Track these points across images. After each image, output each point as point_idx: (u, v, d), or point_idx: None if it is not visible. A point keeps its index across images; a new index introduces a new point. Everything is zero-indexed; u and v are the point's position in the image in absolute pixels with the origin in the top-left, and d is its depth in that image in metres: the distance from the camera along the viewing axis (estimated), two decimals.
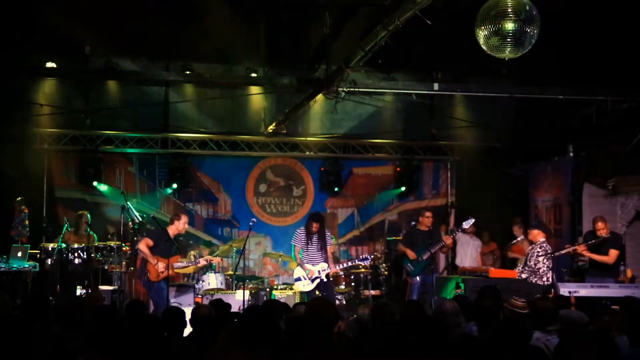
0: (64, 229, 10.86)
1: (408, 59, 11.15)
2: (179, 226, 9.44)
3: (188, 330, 5.54)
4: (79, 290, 10.20)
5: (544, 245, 9.46)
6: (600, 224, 9.27)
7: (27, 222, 10.83)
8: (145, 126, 12.61)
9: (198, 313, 5.48)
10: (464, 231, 11.48)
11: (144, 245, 9.14)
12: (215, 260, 10.53)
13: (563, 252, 9.60)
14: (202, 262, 10.12)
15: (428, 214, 10.48)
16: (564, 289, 8.59)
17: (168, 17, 9.93)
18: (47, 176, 12.20)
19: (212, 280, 10.35)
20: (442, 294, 9.47)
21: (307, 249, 9.78)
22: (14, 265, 9.95)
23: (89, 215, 11.23)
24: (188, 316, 5.54)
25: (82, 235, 10.97)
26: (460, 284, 9.39)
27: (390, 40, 7.77)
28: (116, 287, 10.40)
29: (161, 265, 9.01)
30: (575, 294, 8.53)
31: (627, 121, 10.15)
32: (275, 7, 10.20)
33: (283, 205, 13.41)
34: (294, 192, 13.42)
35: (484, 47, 6.29)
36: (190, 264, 10.14)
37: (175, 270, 9.78)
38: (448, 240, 10.30)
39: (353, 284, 11.16)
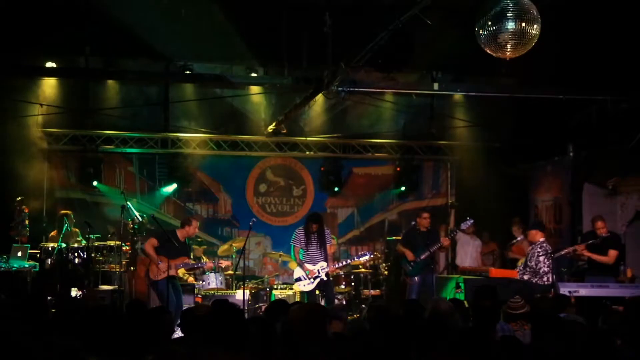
0: (64, 228, 10.86)
1: (408, 59, 11.12)
2: (190, 231, 9.67)
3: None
4: (74, 292, 10.18)
5: (544, 245, 9.46)
6: (599, 224, 9.31)
7: (27, 222, 10.82)
8: (145, 126, 12.60)
9: (198, 313, 5.48)
10: (463, 231, 11.49)
11: (149, 246, 9.32)
12: (225, 264, 10.56)
13: (563, 252, 9.59)
14: (210, 265, 10.16)
15: (425, 215, 10.52)
16: (564, 289, 8.59)
17: (168, 17, 9.92)
18: (47, 176, 12.19)
19: (212, 280, 10.38)
20: (442, 294, 9.48)
21: (307, 249, 9.79)
22: (14, 265, 9.96)
23: (72, 215, 11.20)
24: None
25: (66, 234, 10.90)
26: (461, 284, 9.39)
27: (390, 40, 7.76)
28: (116, 287, 10.40)
29: (163, 265, 9.05)
30: (575, 294, 8.54)
31: (627, 121, 10.14)
32: (275, 7, 10.20)
33: (283, 205, 13.40)
34: (294, 192, 13.42)
35: (484, 47, 6.29)
36: (197, 265, 10.15)
37: (179, 271, 9.82)
38: (446, 242, 10.36)
39: (353, 284, 11.15)
